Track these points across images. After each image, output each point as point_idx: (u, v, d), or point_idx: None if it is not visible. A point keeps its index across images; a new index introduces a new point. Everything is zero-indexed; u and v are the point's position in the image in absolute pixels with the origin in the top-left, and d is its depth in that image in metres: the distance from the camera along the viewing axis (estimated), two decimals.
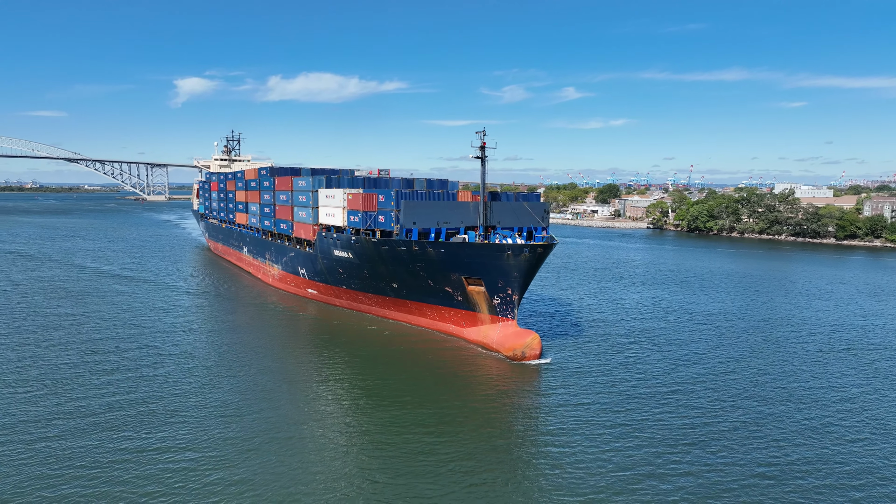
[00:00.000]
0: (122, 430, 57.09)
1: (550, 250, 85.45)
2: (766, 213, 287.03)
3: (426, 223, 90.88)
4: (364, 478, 49.45)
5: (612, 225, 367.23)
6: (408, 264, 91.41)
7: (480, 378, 75.44)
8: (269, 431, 57.67)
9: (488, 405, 66.34)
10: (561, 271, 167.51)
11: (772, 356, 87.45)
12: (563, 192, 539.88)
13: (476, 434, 58.22)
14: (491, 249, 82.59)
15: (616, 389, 71.23)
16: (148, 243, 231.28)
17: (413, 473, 50.29)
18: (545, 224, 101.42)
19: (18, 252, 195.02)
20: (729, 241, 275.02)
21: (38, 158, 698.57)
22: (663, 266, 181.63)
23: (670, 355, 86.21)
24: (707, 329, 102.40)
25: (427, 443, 56.08)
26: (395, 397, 67.61)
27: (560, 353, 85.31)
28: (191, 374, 73.28)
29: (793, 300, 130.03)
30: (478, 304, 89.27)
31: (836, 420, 64.17)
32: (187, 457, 52.13)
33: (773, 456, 55.09)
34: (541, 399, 68.90)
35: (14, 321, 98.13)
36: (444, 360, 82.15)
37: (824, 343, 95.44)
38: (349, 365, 79.99)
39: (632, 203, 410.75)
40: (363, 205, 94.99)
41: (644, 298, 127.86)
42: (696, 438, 58.32)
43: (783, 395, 71.36)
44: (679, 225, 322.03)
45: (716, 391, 71.87)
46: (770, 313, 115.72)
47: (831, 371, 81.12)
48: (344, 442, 56.15)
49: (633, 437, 58.21)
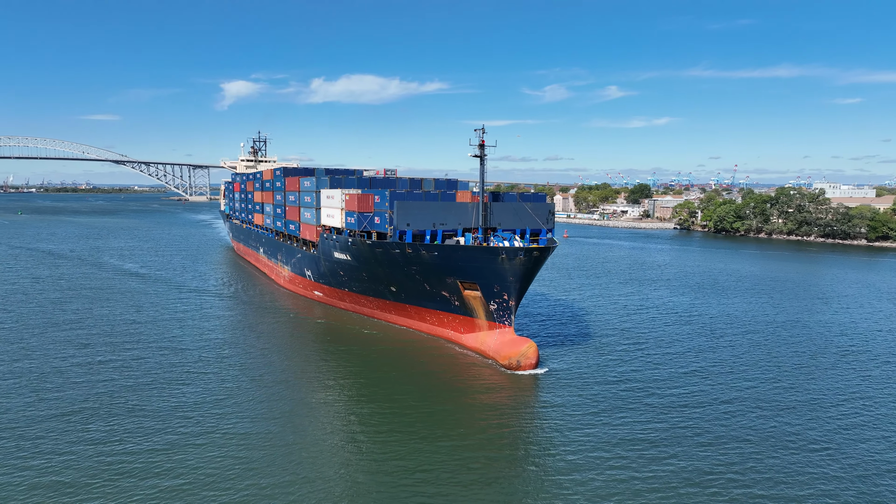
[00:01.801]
0: (90, 421, 54.14)
1: (549, 253, 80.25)
2: (794, 214, 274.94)
3: (421, 225, 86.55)
4: (346, 481, 45.51)
5: (639, 225, 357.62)
6: (403, 267, 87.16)
7: (471, 390, 70.04)
8: (256, 436, 54.31)
9: (476, 422, 60.79)
10: (572, 273, 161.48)
11: (789, 367, 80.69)
12: (593, 193, 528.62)
13: (448, 458, 53.30)
14: (484, 252, 77.83)
15: (615, 406, 64.44)
16: (175, 243, 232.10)
17: (389, 485, 46.15)
18: (550, 226, 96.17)
19: (51, 251, 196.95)
20: (756, 242, 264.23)
21: (91, 161, 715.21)
22: (680, 268, 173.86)
23: (676, 367, 79.69)
24: (718, 335, 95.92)
25: (400, 461, 51.76)
26: (377, 411, 63.34)
27: (559, 363, 79.35)
28: (172, 373, 70.39)
29: (806, 304, 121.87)
30: (475, 310, 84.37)
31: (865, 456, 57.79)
32: (171, 458, 49.25)
33: (788, 475, 49.40)
34: (531, 417, 62.83)
35: (20, 315, 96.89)
36: (437, 368, 77.13)
37: (833, 350, 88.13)
38: (340, 372, 76.47)
39: (661, 203, 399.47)
40: (359, 206, 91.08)
41: (655, 303, 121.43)
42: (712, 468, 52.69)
43: (799, 408, 65.02)
44: (706, 226, 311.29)
45: (729, 410, 65.78)
46: (785, 318, 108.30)
47: (850, 384, 74.20)
48: (320, 449, 52.42)
49: (628, 473, 52.32)
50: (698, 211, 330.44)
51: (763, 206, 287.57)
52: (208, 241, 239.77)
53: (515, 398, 67.55)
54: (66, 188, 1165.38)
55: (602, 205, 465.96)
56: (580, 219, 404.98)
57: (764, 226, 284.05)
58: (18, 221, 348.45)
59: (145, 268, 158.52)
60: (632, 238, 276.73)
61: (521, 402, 66.82)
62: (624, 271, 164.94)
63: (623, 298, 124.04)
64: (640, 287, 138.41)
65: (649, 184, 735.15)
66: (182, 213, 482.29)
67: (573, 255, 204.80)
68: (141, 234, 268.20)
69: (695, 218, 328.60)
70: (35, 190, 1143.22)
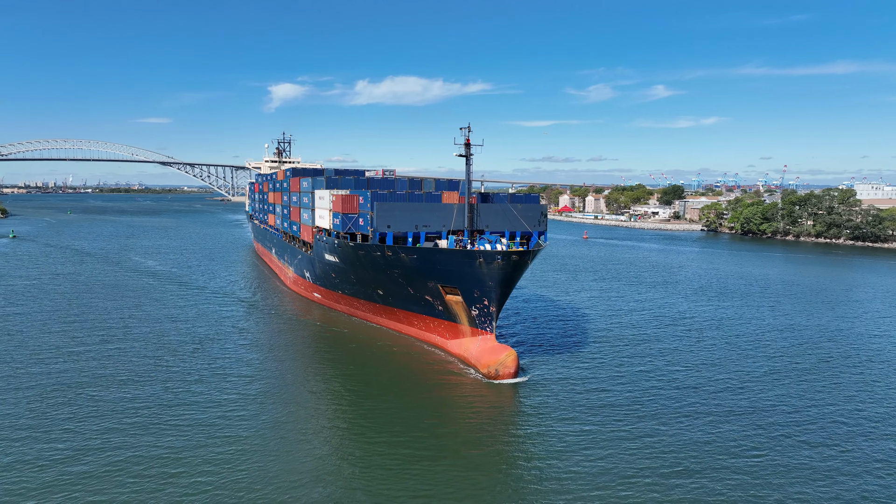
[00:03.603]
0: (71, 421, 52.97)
1: (530, 257, 75.91)
2: (823, 216, 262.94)
3: (402, 227, 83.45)
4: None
5: (665, 227, 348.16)
6: (385, 270, 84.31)
7: (447, 402, 65.47)
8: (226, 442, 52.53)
9: (448, 437, 55.67)
10: (579, 275, 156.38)
11: (788, 374, 75.16)
12: (625, 194, 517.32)
13: (409, 478, 49.80)
14: (461, 256, 74.38)
15: (596, 421, 58.77)
16: (202, 242, 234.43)
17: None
18: (541, 228, 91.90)
19: (80, 248, 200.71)
20: (782, 244, 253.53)
21: (142, 162, 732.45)
22: (692, 271, 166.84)
23: (670, 380, 72.87)
24: (720, 343, 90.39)
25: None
26: (344, 424, 59.92)
27: (542, 371, 73.94)
28: (153, 374, 69.26)
29: (803, 307, 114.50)
30: (458, 315, 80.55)
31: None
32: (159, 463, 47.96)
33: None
34: (504, 437, 56.93)
35: (28, 309, 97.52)
36: (418, 378, 72.83)
37: (830, 359, 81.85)
38: (319, 377, 74.28)
39: (691, 205, 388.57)
40: (344, 207, 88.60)
41: (657, 306, 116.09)
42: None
43: (805, 430, 60.00)
44: (733, 227, 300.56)
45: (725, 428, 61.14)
46: (784, 323, 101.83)
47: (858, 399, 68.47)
48: (289, 458, 50.11)
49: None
50: (725, 212, 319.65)
51: (791, 208, 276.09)
52: (234, 241, 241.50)
53: (491, 413, 62.25)
54: (119, 189, 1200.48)
55: (634, 206, 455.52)
56: (608, 220, 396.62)
57: (791, 228, 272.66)
58: (65, 220, 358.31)
59: (162, 266, 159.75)
60: (655, 240, 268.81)
61: (496, 417, 61.42)
62: (633, 274, 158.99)
63: (624, 301, 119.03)
64: (645, 290, 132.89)
65: (693, 185, 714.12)
66: (221, 213, 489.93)
67: (585, 256, 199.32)
68: (173, 234, 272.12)
69: (722, 220, 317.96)
70: (91, 190, 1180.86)
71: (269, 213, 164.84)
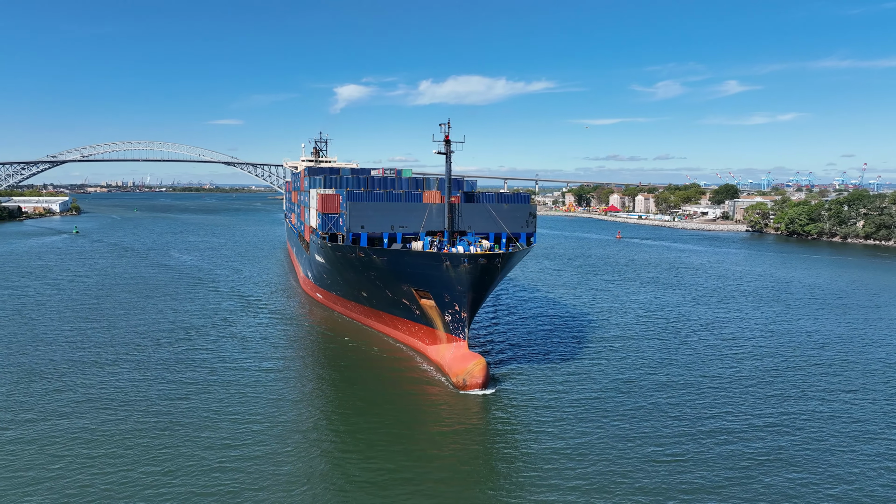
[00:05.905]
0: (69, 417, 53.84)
1: (504, 261, 70.89)
2: (874, 217, 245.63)
3: (377, 227, 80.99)
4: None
5: (708, 227, 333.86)
6: (363, 272, 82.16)
7: (416, 412, 62.06)
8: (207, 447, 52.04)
9: (404, 453, 51.27)
10: (591, 275, 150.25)
11: (787, 377, 69.16)
12: (676, 193, 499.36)
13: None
14: (428, 259, 71.36)
15: (564, 447, 52.22)
16: (243, 240, 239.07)
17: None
18: (529, 229, 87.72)
19: (127, 244, 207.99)
20: (829, 246, 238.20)
21: (208, 163, 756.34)
22: (718, 272, 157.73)
23: (657, 398, 67.34)
24: (711, 350, 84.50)
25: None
26: (302, 438, 58.25)
27: (515, 382, 68.83)
28: (136, 374, 69.56)
29: (812, 312, 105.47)
30: (433, 320, 77.06)
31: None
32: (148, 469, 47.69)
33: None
34: (461, 449, 52.46)
35: (50, 299, 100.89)
36: (391, 386, 68.98)
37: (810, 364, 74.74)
38: (300, 380, 72.75)
39: (741, 205, 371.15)
40: (324, 206, 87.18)
41: (658, 309, 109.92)
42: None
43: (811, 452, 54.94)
44: (778, 228, 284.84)
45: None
46: (786, 328, 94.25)
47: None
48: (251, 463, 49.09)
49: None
50: (771, 213, 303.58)
51: (838, 208, 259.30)
52: (272, 239, 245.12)
53: (455, 426, 57.38)
54: (190, 188, 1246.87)
55: (684, 206, 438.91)
56: (651, 220, 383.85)
57: (838, 228, 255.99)
58: (129, 218, 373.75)
59: (195, 261, 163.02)
60: (694, 241, 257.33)
61: (459, 430, 56.37)
62: (653, 275, 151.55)
63: (626, 304, 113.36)
64: (652, 292, 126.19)
65: (762, 184, 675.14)
66: (275, 211, 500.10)
67: (606, 257, 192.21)
68: (219, 231, 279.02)
69: (768, 220, 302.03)
70: (165, 189, 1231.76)
71: (292, 211, 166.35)
